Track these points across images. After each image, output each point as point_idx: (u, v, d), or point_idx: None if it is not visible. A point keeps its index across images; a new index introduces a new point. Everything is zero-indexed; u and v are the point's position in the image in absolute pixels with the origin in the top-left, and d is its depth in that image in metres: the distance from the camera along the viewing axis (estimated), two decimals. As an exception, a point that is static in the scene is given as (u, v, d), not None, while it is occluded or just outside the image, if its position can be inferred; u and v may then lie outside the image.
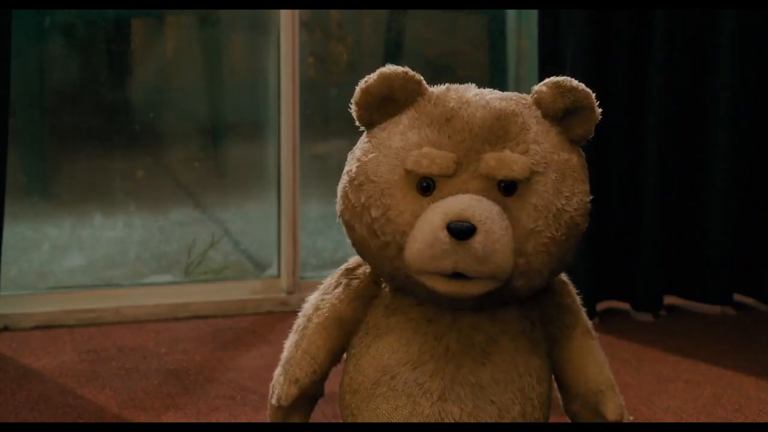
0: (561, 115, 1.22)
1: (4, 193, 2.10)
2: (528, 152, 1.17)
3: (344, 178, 1.22)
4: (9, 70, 2.08)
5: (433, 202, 1.14)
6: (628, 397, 1.85)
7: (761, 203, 2.44)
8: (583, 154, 1.24)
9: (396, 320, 1.23)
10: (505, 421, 1.20)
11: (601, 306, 2.40)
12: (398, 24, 2.79)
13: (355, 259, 1.30)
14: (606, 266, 2.38)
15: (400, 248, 1.14)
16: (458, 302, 1.18)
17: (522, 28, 2.79)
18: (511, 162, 1.15)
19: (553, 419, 1.30)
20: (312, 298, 1.32)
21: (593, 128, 1.24)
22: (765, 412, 1.79)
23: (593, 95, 1.22)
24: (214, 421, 1.72)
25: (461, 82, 1.27)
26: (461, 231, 1.08)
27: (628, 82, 2.33)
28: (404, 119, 1.21)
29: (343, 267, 1.31)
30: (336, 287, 1.29)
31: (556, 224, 1.15)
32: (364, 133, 1.26)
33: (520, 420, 1.21)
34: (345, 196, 1.21)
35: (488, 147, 1.16)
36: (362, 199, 1.18)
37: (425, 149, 1.16)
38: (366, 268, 1.28)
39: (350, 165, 1.23)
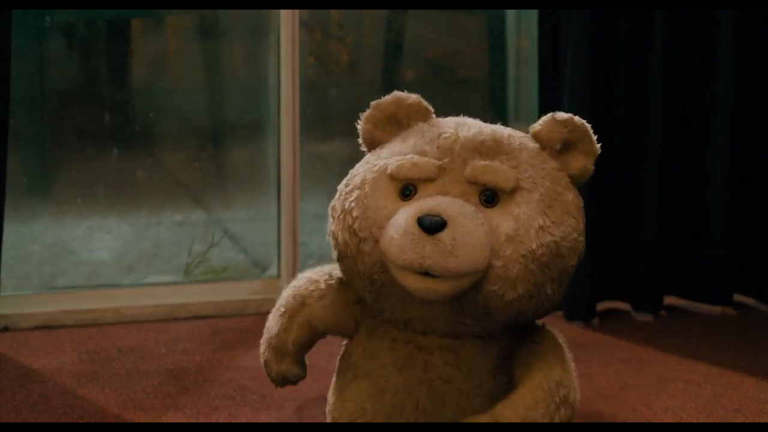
0: (559, 147, 1.21)
1: (4, 193, 2.10)
2: (518, 168, 1.17)
3: (336, 195, 1.24)
4: (9, 70, 2.08)
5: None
6: (628, 397, 1.85)
7: (761, 203, 2.44)
8: (581, 197, 1.22)
9: (371, 365, 1.23)
10: None
11: (601, 306, 2.40)
12: (398, 24, 2.79)
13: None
14: (606, 266, 2.38)
15: (377, 241, 1.15)
16: (430, 319, 1.17)
17: (522, 28, 2.79)
18: (497, 170, 1.15)
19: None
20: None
21: (593, 164, 1.23)
22: (765, 412, 1.79)
23: (591, 129, 1.22)
24: (214, 421, 1.72)
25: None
26: (431, 223, 1.09)
27: (628, 82, 2.33)
28: (400, 137, 1.23)
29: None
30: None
31: (537, 240, 1.13)
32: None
33: None
34: (333, 208, 1.24)
35: (477, 156, 1.17)
36: (346, 205, 1.20)
37: (409, 155, 1.18)
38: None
39: (343, 181, 1.25)
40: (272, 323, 1.31)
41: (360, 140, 1.29)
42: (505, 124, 1.27)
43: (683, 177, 2.41)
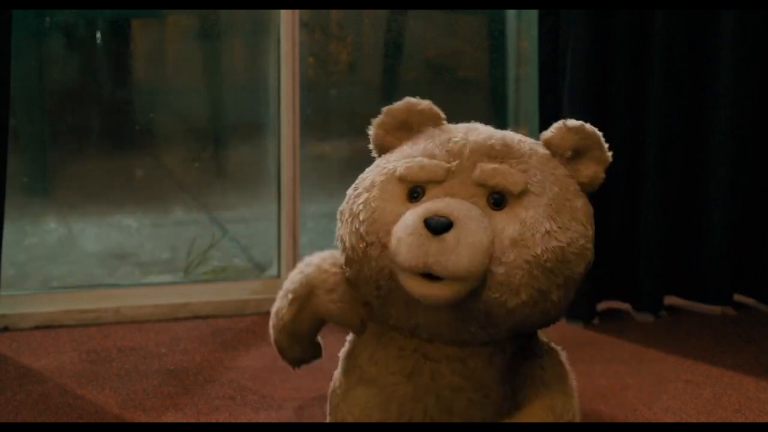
0: (570, 154, 1.21)
1: (4, 193, 2.10)
2: (527, 172, 1.17)
3: (345, 199, 1.24)
4: (9, 70, 2.08)
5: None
6: (628, 397, 1.85)
7: (761, 204, 2.44)
8: (591, 205, 1.22)
9: (377, 372, 1.23)
10: None
11: (601, 306, 2.40)
12: (398, 24, 2.78)
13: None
14: (606, 266, 2.37)
15: (384, 247, 1.15)
16: (435, 326, 1.17)
17: (522, 28, 2.79)
18: (506, 173, 1.15)
19: (553, 419, 1.30)
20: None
21: (603, 172, 1.23)
22: (765, 412, 1.79)
23: (602, 136, 1.22)
24: (214, 421, 1.72)
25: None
26: (437, 223, 1.09)
27: (628, 82, 2.33)
28: (410, 142, 1.23)
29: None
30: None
31: (543, 245, 1.13)
32: None
33: None
34: (341, 212, 1.23)
35: (486, 160, 1.17)
36: (354, 208, 1.19)
37: (418, 158, 1.18)
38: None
39: (352, 185, 1.25)
40: (282, 307, 1.31)
41: (371, 145, 1.28)
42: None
43: (683, 177, 2.41)
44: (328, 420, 1.30)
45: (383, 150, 1.27)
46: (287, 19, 2.44)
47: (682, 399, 1.85)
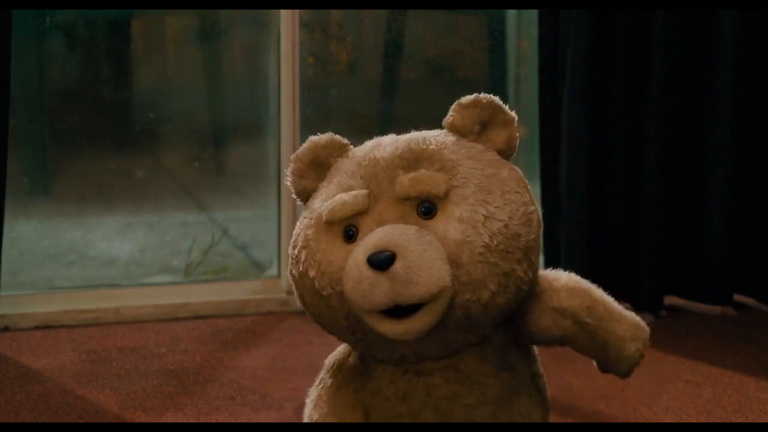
0: (477, 130, 1.20)
1: (4, 193, 2.10)
2: (444, 169, 1.15)
3: (289, 261, 1.23)
4: (9, 70, 2.08)
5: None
6: (628, 397, 1.85)
7: (761, 204, 2.44)
8: (517, 168, 1.20)
9: (377, 402, 1.22)
10: None
11: (601, 306, 2.40)
12: (398, 24, 2.78)
13: (333, 355, 1.29)
14: (606, 266, 2.37)
15: (341, 295, 1.13)
16: (422, 348, 1.15)
17: (522, 28, 2.79)
18: (424, 178, 1.13)
19: (553, 418, 1.30)
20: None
21: (515, 132, 1.21)
22: (765, 412, 1.79)
23: (497, 98, 1.21)
24: (214, 421, 1.72)
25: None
26: (380, 260, 1.07)
27: (628, 82, 2.33)
28: (325, 181, 1.23)
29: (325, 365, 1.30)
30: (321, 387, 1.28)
31: (488, 232, 1.11)
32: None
33: None
34: (291, 274, 1.22)
35: (401, 172, 1.15)
36: (301, 267, 1.18)
37: (336, 196, 1.17)
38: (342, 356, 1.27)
39: (290, 244, 1.24)
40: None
41: (294, 197, 1.28)
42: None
43: (683, 177, 2.41)
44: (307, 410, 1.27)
45: (306, 196, 1.26)
46: (287, 19, 2.44)
47: (682, 399, 1.85)
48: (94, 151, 2.58)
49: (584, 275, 2.25)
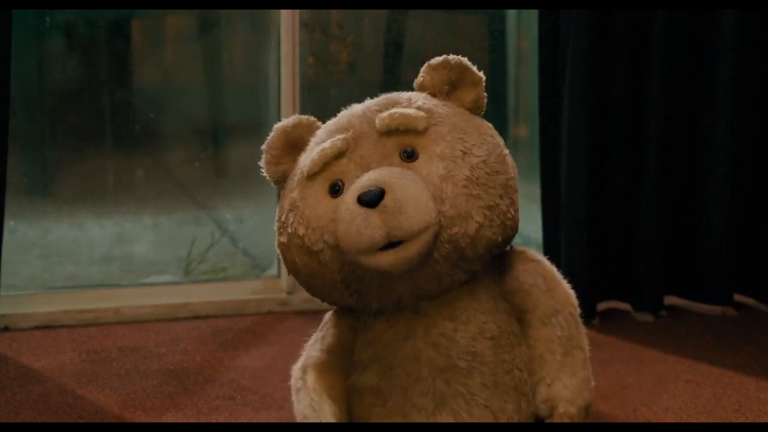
0: (447, 90, 1.25)
1: (4, 193, 2.10)
2: (421, 108, 1.20)
3: (276, 237, 1.26)
4: (9, 70, 2.08)
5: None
6: (628, 397, 1.85)
7: (761, 204, 2.44)
8: (489, 123, 1.25)
9: (374, 350, 1.24)
10: (501, 420, 1.20)
11: (601, 306, 2.40)
12: (398, 24, 2.79)
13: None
14: (606, 266, 2.38)
15: (332, 247, 1.16)
16: (416, 288, 1.18)
17: (522, 28, 2.79)
18: (405, 113, 1.18)
19: (553, 419, 1.30)
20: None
21: (483, 91, 1.25)
22: (765, 412, 1.79)
23: (465, 59, 1.25)
24: (214, 421, 1.72)
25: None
26: (370, 197, 1.10)
27: (628, 82, 2.33)
28: (301, 158, 1.25)
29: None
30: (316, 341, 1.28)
31: (467, 166, 1.16)
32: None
33: (515, 417, 1.21)
34: (279, 245, 1.25)
35: (379, 112, 1.20)
36: (289, 230, 1.21)
37: (315, 149, 1.20)
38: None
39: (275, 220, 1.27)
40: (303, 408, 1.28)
41: (273, 184, 1.30)
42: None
43: (683, 177, 2.41)
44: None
45: (283, 181, 1.28)
46: (287, 19, 2.44)
47: (682, 399, 1.85)
48: (94, 151, 2.58)
49: (584, 275, 2.26)
